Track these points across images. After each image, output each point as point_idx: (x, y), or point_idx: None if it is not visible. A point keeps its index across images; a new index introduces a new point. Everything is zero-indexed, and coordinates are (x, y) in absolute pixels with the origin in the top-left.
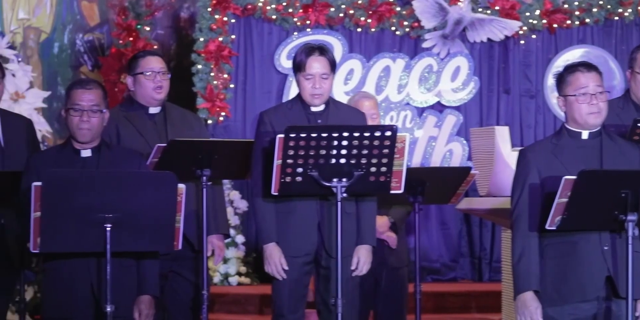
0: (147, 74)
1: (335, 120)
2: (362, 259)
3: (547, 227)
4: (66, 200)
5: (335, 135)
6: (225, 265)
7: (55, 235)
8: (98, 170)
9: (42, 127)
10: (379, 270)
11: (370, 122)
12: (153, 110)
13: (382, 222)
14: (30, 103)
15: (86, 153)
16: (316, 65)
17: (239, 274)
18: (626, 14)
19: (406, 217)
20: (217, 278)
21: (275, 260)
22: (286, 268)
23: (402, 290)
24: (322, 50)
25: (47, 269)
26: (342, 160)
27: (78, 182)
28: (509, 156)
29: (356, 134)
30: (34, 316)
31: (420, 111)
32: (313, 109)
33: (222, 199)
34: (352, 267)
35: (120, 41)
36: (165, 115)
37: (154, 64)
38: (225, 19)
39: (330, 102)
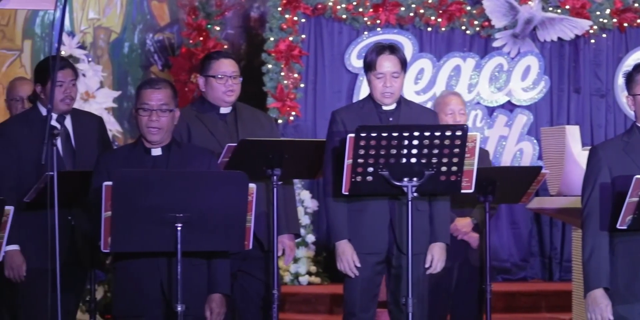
0: (219, 77)
1: (407, 119)
2: (435, 257)
3: (618, 226)
4: (137, 200)
5: (405, 134)
6: (295, 264)
7: (126, 235)
8: (169, 170)
9: (113, 127)
10: (460, 270)
11: (458, 118)
12: (224, 110)
13: (466, 223)
14: (100, 103)
15: (156, 152)
16: (387, 64)
17: (310, 273)
18: None
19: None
20: (287, 277)
21: (348, 257)
22: (358, 265)
23: (478, 290)
24: (393, 49)
25: (118, 268)
26: (413, 160)
27: (149, 181)
28: (580, 155)
29: (427, 134)
30: (104, 315)
31: (491, 110)
32: (385, 107)
33: (293, 199)
34: (426, 265)
35: (191, 41)
36: (236, 115)
37: (226, 67)
38: (295, 18)
39: (402, 101)
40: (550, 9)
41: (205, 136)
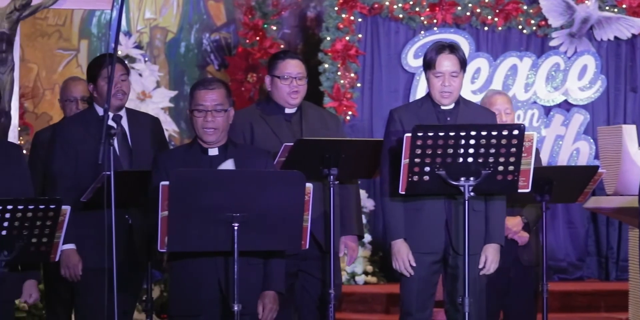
0: (284, 78)
1: (465, 119)
2: (489, 258)
3: None
4: (194, 200)
5: (462, 134)
6: (352, 264)
7: (183, 235)
8: (225, 170)
9: (169, 127)
10: (511, 269)
11: (504, 117)
12: (289, 110)
13: (516, 222)
14: (156, 102)
15: (213, 152)
16: (446, 63)
17: (366, 273)
18: None
19: (539, 218)
20: (344, 277)
21: (403, 256)
22: (413, 264)
23: (534, 290)
24: (453, 48)
25: (174, 268)
26: (470, 159)
27: (206, 181)
28: (636, 155)
29: (484, 133)
30: (160, 315)
31: (547, 110)
32: (443, 107)
33: (357, 199)
34: (480, 266)
35: (247, 40)
36: (301, 115)
37: (291, 68)
38: (352, 18)
39: (461, 101)
40: (607, 8)
41: (268, 136)
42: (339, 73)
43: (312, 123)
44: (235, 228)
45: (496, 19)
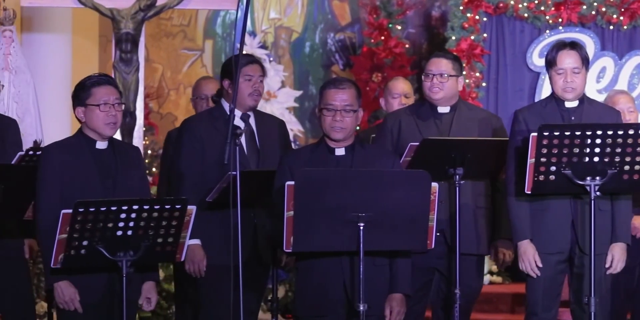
0: (427, 75)
1: (589, 118)
2: (616, 257)
3: None
4: (319, 200)
5: (588, 133)
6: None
7: (308, 235)
8: (351, 170)
9: (294, 127)
10: (638, 269)
11: (627, 116)
12: (442, 109)
13: None
14: (281, 102)
15: (340, 152)
16: (567, 60)
17: (491, 272)
18: None
19: None
20: None
21: (530, 257)
22: (540, 265)
23: None
24: (574, 45)
25: (300, 268)
26: (596, 159)
27: (331, 181)
28: None
29: (609, 132)
30: (285, 315)
31: None
32: (567, 104)
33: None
34: (607, 265)
35: (372, 40)
36: (453, 115)
37: (433, 65)
38: (477, 17)
39: (585, 100)
40: None
41: (414, 135)
42: (464, 72)
43: (463, 123)
44: (361, 228)
45: (621, 18)
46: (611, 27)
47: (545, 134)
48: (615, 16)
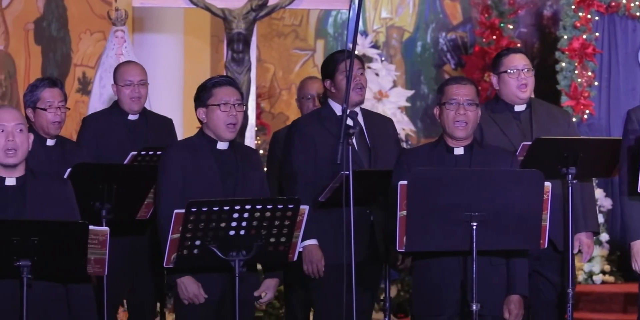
0: (511, 72)
1: None
2: None
3: None
4: (432, 199)
5: None
6: (589, 263)
7: (421, 234)
8: (464, 169)
9: (406, 126)
10: None
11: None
12: (518, 108)
13: None
14: (393, 102)
15: (459, 151)
16: None
17: (603, 272)
18: None
19: None
20: (581, 277)
21: None
22: None
23: None
24: None
25: (417, 267)
26: None
27: (444, 180)
28: None
29: None
30: (397, 315)
31: None
32: None
33: (591, 196)
34: None
35: (484, 39)
36: (531, 113)
37: (517, 61)
38: (589, 16)
39: None
40: None
41: (497, 136)
42: (576, 72)
43: (542, 121)
44: (474, 227)
45: None
46: None
47: None
48: None
